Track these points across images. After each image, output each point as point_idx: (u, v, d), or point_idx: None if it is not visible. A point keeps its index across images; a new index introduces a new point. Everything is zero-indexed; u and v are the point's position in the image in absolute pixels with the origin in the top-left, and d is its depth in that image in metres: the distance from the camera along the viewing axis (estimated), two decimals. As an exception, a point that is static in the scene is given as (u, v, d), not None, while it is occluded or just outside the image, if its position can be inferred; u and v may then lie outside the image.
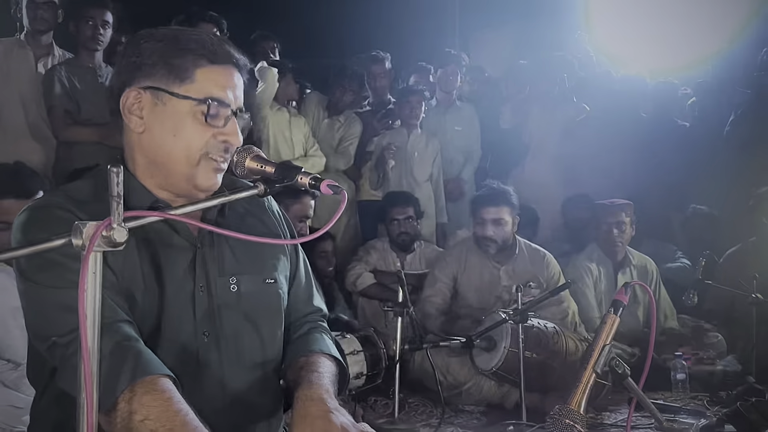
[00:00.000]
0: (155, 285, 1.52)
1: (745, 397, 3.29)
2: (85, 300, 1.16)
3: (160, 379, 1.39)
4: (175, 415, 1.33)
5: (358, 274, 4.81)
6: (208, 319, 1.58)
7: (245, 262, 1.64)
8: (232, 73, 1.57)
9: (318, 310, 1.83)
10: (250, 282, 1.64)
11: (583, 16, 6.71)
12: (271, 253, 1.71)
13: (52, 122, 4.22)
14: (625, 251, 4.68)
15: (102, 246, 1.17)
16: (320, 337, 1.75)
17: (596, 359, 1.61)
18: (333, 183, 1.41)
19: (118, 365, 1.36)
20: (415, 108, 5.37)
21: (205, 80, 1.53)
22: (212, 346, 1.58)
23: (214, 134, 1.53)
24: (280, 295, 1.70)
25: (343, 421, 1.44)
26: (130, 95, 1.53)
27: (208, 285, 1.58)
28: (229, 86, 1.55)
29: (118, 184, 1.16)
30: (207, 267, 1.59)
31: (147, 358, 1.42)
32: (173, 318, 1.54)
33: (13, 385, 2.68)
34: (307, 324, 1.78)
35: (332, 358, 1.69)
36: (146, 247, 1.53)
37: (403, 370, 3.87)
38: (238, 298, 1.61)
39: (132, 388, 1.36)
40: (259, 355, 1.65)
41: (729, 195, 5.21)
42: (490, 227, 4.29)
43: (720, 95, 5.78)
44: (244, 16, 5.66)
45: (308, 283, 1.82)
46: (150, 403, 1.34)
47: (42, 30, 4.30)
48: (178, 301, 1.55)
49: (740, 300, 4.12)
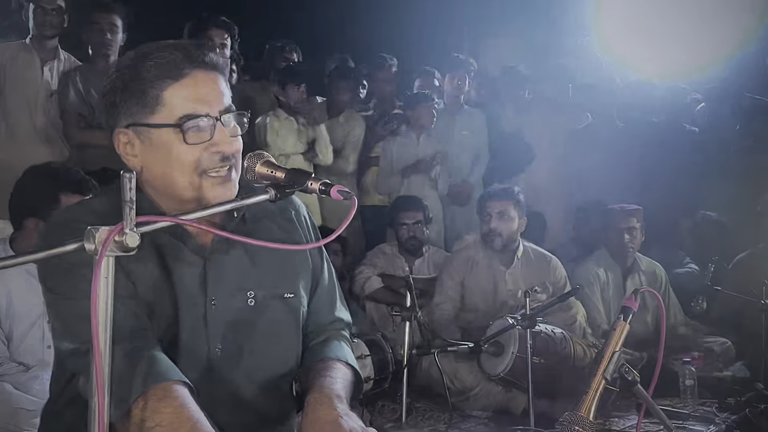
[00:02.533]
0: (167, 298, 1.52)
1: (754, 404, 3.29)
2: (98, 304, 1.17)
3: (174, 386, 1.38)
4: (186, 422, 1.33)
5: (366, 278, 4.81)
6: (220, 334, 1.56)
7: (265, 275, 1.61)
8: (202, 79, 1.49)
9: (340, 320, 1.78)
10: (268, 296, 1.61)
11: (592, 21, 6.70)
12: (294, 263, 1.67)
13: (65, 126, 4.25)
14: (634, 257, 4.67)
15: (114, 251, 1.17)
16: (338, 344, 1.72)
17: (606, 366, 1.61)
18: (343, 189, 1.41)
19: (132, 372, 1.36)
20: (426, 116, 5.39)
21: (174, 100, 1.46)
22: (225, 361, 1.57)
23: (205, 148, 1.48)
24: (299, 310, 1.67)
25: (353, 425, 1.44)
26: (119, 138, 1.50)
27: (222, 299, 1.56)
28: (200, 95, 1.48)
29: (130, 189, 1.17)
30: (222, 280, 1.56)
31: (162, 364, 1.41)
32: (186, 331, 1.53)
33: (23, 388, 2.70)
34: (326, 332, 1.75)
35: (348, 365, 1.67)
36: (159, 260, 1.52)
37: (411, 375, 3.86)
38: (254, 312, 1.59)
39: (145, 395, 1.35)
40: (273, 370, 1.63)
41: (738, 201, 5.19)
42: (495, 220, 4.31)
43: (729, 101, 5.76)
44: (254, 20, 5.67)
45: (332, 291, 1.77)
46: (162, 410, 1.34)
47: (50, 36, 4.31)
48: (191, 315, 1.53)
49: (749, 306, 4.10)
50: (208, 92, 1.49)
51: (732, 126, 5.54)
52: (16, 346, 2.80)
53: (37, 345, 2.82)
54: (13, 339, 2.79)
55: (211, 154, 1.48)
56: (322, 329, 1.75)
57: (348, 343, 1.76)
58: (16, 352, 2.80)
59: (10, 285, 2.77)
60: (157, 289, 1.51)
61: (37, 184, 2.81)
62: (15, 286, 2.77)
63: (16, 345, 2.79)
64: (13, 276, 2.73)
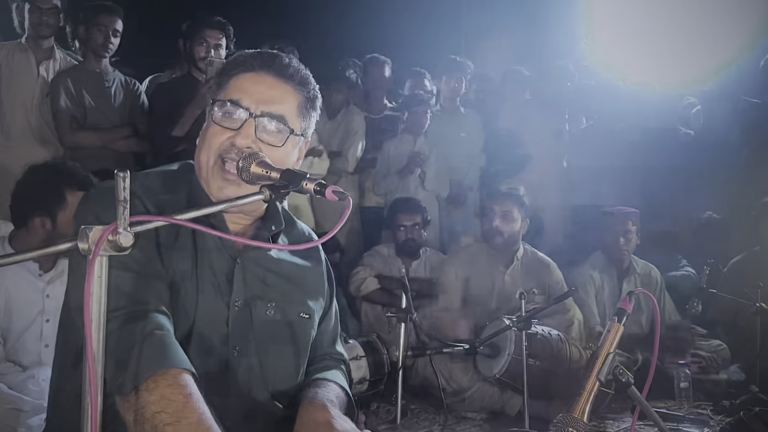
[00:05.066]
0: (195, 285, 1.53)
1: (749, 407, 3.29)
2: (91, 304, 1.16)
3: (183, 374, 1.38)
4: (192, 412, 1.33)
5: (362, 279, 4.81)
6: (240, 336, 1.58)
7: (286, 292, 1.65)
8: (264, 79, 1.57)
9: (340, 354, 1.84)
10: (287, 311, 1.65)
11: (589, 24, 6.71)
12: (310, 289, 1.73)
13: (58, 128, 4.23)
14: (630, 259, 4.69)
15: (108, 250, 1.17)
16: (336, 372, 1.76)
17: (600, 368, 1.61)
18: (338, 189, 1.41)
19: (146, 352, 1.36)
20: (421, 118, 5.40)
21: (234, 86, 1.57)
22: (241, 364, 1.58)
23: (228, 137, 1.54)
24: (310, 332, 1.71)
25: (346, 427, 1.46)
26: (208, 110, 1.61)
27: (246, 303, 1.59)
28: (252, 90, 1.56)
29: (124, 189, 1.16)
30: (248, 285, 1.59)
31: (175, 350, 1.41)
32: (206, 326, 1.54)
33: (18, 388, 2.69)
34: (326, 361, 1.79)
35: (342, 389, 1.71)
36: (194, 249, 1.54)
37: (406, 376, 3.87)
38: (273, 324, 1.62)
39: (155, 377, 1.35)
40: (282, 383, 1.65)
41: (733, 204, 5.20)
42: (498, 219, 4.32)
43: (725, 104, 5.77)
44: (250, 22, 5.67)
45: (336, 327, 1.84)
46: (170, 397, 1.34)
47: (46, 35, 4.31)
48: (213, 309, 1.55)
49: (744, 309, 4.11)
50: (262, 91, 1.56)
51: (727, 129, 5.55)
52: (12, 346, 2.79)
53: (34, 344, 2.81)
54: (10, 338, 2.79)
55: (229, 144, 1.54)
56: (322, 357, 1.79)
57: (345, 375, 1.80)
58: (12, 352, 2.80)
59: (8, 284, 2.76)
60: (186, 275, 1.52)
61: (42, 181, 2.81)
62: (13, 285, 2.77)
63: (13, 344, 2.79)
64: (11, 275, 2.73)
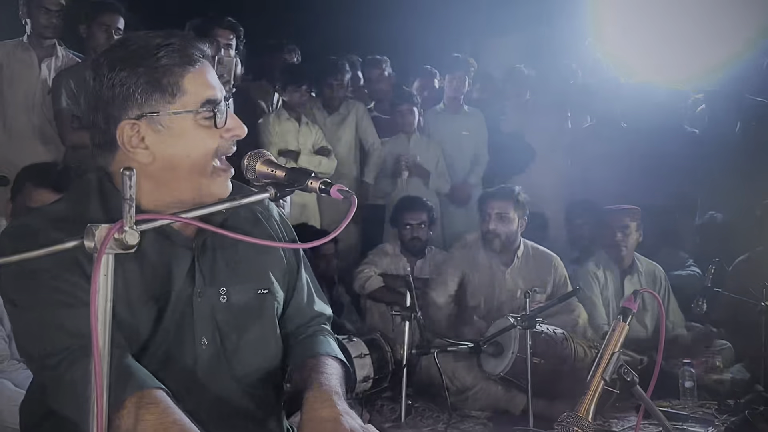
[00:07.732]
0: (158, 288, 1.51)
1: (753, 406, 3.29)
2: (97, 303, 1.16)
3: (153, 392, 1.37)
4: (172, 426, 1.33)
5: (367, 277, 4.81)
6: (204, 328, 1.57)
7: (238, 273, 1.61)
8: (207, 67, 1.52)
9: (320, 314, 1.80)
10: (241, 292, 1.61)
11: (593, 23, 6.70)
12: (267, 262, 1.68)
13: (59, 127, 4.22)
14: (632, 257, 4.66)
15: (114, 248, 1.17)
16: (325, 339, 1.73)
17: (605, 367, 1.60)
18: (343, 188, 1.41)
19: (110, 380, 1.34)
20: (406, 116, 5.41)
21: (194, 86, 1.47)
22: (210, 356, 1.57)
23: (221, 134, 1.50)
24: (274, 306, 1.67)
25: (353, 424, 1.44)
26: (125, 129, 1.45)
27: (206, 293, 1.57)
28: (212, 82, 1.51)
29: (130, 187, 1.16)
30: (203, 275, 1.57)
31: (137, 373, 1.40)
32: (174, 324, 1.53)
33: (21, 386, 2.69)
34: (311, 328, 1.77)
35: (338, 360, 1.68)
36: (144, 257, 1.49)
37: (410, 375, 3.87)
38: (228, 308, 1.59)
39: (123, 404, 1.33)
40: (255, 368, 1.63)
41: (739, 203, 5.18)
42: (494, 221, 4.30)
43: (729, 103, 5.76)
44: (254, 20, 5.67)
45: (309, 289, 1.79)
46: (145, 417, 1.32)
47: (50, 36, 4.30)
48: (178, 308, 1.54)
49: (749, 308, 4.10)
50: (214, 79, 1.52)
51: (732, 127, 5.53)
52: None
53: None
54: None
55: (226, 140, 1.51)
56: (305, 326, 1.77)
57: (332, 337, 1.77)
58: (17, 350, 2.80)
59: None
60: (146, 280, 1.50)
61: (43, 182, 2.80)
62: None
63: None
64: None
